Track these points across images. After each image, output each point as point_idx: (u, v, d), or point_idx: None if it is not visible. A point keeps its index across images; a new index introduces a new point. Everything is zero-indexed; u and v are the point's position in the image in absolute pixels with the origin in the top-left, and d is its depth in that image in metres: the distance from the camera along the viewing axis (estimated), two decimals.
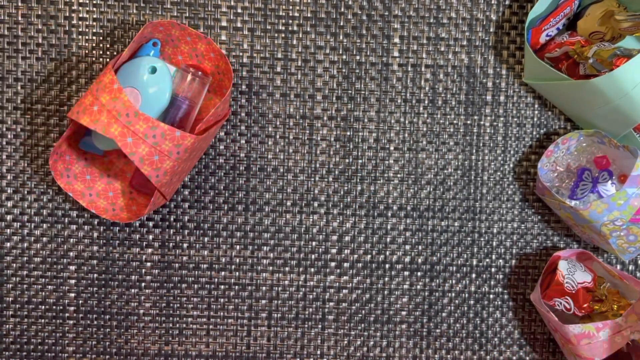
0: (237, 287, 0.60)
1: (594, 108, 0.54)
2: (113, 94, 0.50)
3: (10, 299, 0.58)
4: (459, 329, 0.60)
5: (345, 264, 0.59)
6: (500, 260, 0.60)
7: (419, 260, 0.60)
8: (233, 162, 0.59)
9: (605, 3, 0.56)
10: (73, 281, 0.59)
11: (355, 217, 0.59)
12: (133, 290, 0.59)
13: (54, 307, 0.59)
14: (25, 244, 0.58)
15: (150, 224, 0.59)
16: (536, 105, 0.60)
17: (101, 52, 0.58)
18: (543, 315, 0.56)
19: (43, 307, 0.59)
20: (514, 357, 0.60)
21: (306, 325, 0.60)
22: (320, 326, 0.60)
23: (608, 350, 0.53)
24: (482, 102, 0.59)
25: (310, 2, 0.58)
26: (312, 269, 0.59)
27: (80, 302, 0.59)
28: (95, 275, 0.59)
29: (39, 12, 0.57)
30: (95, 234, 0.59)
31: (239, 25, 0.58)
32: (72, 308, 0.59)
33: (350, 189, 0.59)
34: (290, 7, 0.58)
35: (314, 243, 0.59)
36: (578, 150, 0.58)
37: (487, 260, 0.59)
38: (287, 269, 0.60)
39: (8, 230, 0.58)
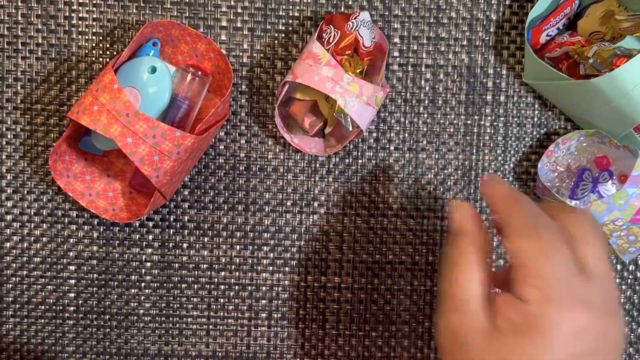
0: (237, 287, 0.59)
1: (594, 108, 0.54)
2: (113, 94, 0.50)
3: (10, 299, 0.58)
4: None
5: (346, 264, 0.59)
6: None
7: (421, 260, 0.59)
8: (233, 162, 0.59)
9: (605, 3, 0.56)
10: (72, 281, 0.59)
11: (355, 217, 0.59)
12: (133, 291, 0.59)
13: (54, 307, 0.59)
14: (25, 244, 0.58)
15: (150, 224, 0.59)
16: (536, 105, 0.60)
17: (101, 52, 0.57)
18: None
19: (42, 307, 0.59)
20: None
21: (306, 326, 0.60)
22: (320, 326, 0.60)
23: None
24: (483, 102, 0.59)
25: (310, 2, 0.58)
26: (313, 269, 0.59)
27: (80, 302, 0.59)
28: (95, 275, 0.59)
29: (39, 12, 0.57)
30: (95, 234, 0.58)
31: (239, 25, 0.58)
32: (71, 308, 0.59)
33: (351, 188, 0.59)
34: (291, 7, 0.58)
35: (314, 243, 0.59)
36: (578, 150, 0.58)
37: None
38: (287, 269, 0.59)
39: (8, 230, 0.58)
